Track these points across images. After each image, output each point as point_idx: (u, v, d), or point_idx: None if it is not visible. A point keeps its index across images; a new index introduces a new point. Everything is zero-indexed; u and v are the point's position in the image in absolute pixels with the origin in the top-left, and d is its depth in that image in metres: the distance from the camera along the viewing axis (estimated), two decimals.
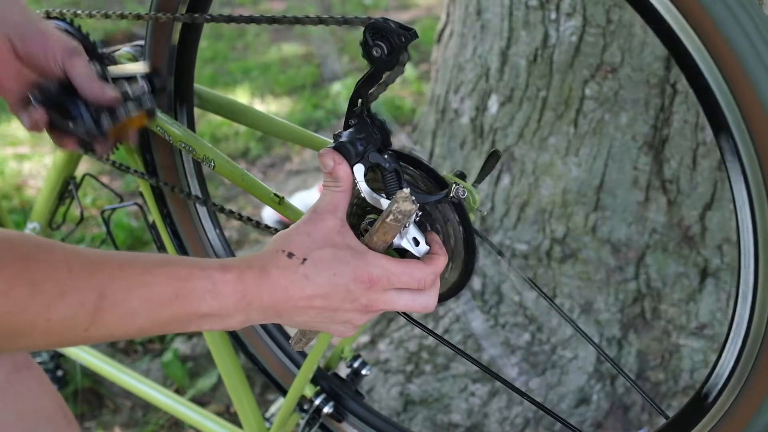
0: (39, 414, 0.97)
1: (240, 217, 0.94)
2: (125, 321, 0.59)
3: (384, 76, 0.72)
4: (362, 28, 0.70)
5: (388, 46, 0.70)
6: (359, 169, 0.73)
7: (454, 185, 0.73)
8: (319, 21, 0.75)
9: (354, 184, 0.73)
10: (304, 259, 0.66)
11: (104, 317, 0.57)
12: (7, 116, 3.13)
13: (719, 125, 0.62)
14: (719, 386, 0.72)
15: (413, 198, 0.68)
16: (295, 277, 0.65)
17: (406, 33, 0.69)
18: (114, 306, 0.58)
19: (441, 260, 0.73)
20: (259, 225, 0.94)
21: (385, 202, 0.73)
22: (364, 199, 0.79)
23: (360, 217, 0.82)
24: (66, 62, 0.84)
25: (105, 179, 2.54)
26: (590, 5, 1.45)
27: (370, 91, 0.74)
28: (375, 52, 0.70)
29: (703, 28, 0.60)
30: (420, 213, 0.76)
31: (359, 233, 0.79)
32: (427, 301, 0.71)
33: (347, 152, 0.73)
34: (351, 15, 0.74)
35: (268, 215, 2.32)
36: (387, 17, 0.71)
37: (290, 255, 0.66)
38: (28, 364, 0.94)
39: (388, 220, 0.69)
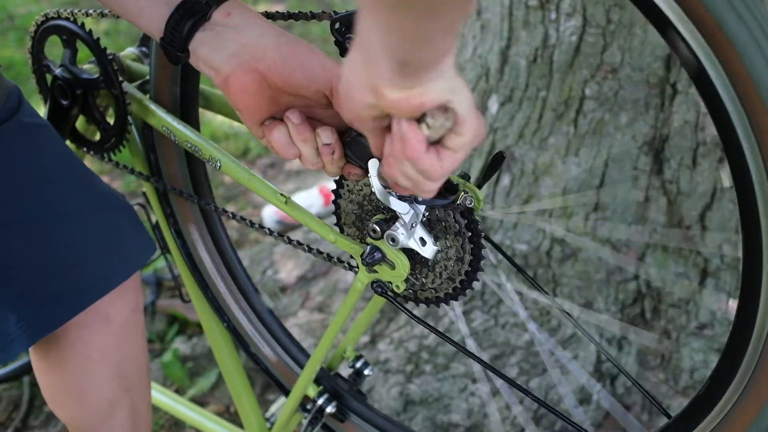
0: (135, 363, 0.96)
1: (236, 218, 0.95)
2: None
3: None
4: None
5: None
6: (373, 164, 0.71)
7: (462, 193, 0.72)
8: (289, 16, 0.78)
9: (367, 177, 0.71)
10: None
11: None
12: None
13: (724, 126, 0.63)
14: (721, 386, 0.73)
15: None
16: None
17: None
18: None
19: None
20: (262, 227, 0.94)
21: (394, 201, 0.73)
22: (372, 198, 0.79)
23: (367, 216, 0.82)
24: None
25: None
26: (590, 5, 1.46)
27: None
28: (348, 45, 0.70)
29: (707, 28, 0.60)
30: (427, 214, 0.76)
31: (367, 232, 0.79)
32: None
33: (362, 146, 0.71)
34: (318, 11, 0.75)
35: (268, 215, 2.32)
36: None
37: None
38: (142, 308, 0.96)
39: None
